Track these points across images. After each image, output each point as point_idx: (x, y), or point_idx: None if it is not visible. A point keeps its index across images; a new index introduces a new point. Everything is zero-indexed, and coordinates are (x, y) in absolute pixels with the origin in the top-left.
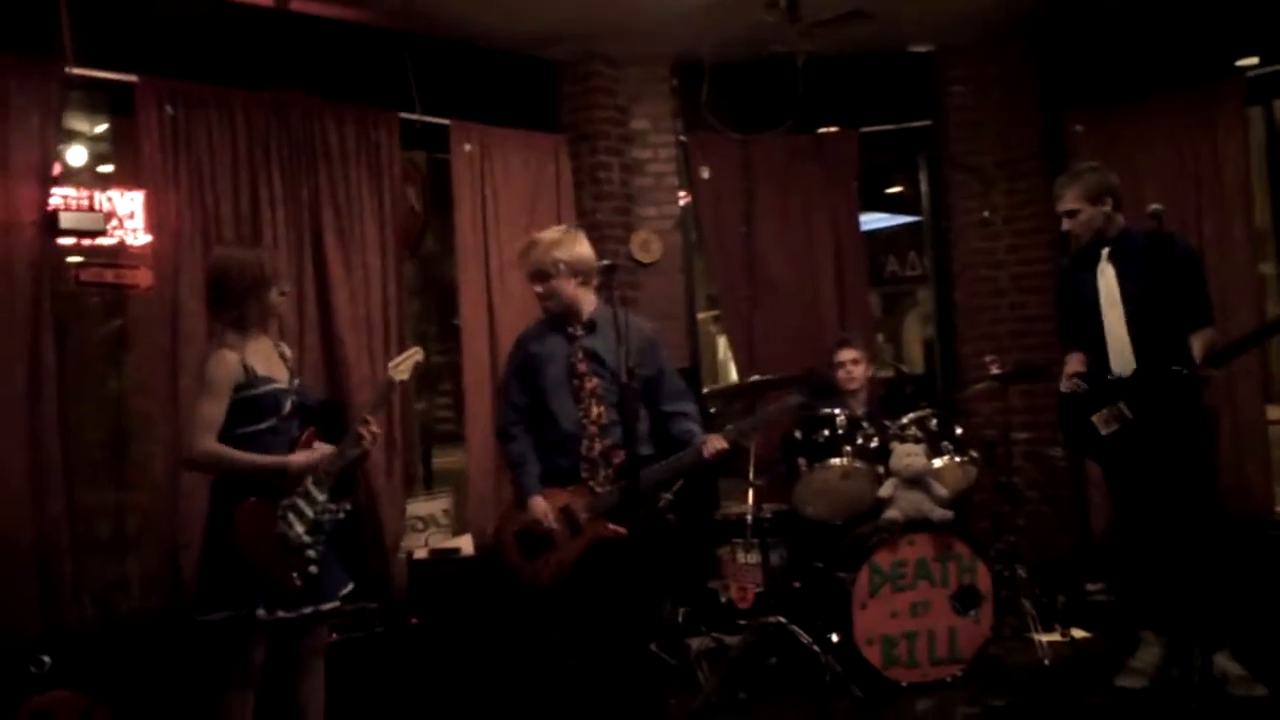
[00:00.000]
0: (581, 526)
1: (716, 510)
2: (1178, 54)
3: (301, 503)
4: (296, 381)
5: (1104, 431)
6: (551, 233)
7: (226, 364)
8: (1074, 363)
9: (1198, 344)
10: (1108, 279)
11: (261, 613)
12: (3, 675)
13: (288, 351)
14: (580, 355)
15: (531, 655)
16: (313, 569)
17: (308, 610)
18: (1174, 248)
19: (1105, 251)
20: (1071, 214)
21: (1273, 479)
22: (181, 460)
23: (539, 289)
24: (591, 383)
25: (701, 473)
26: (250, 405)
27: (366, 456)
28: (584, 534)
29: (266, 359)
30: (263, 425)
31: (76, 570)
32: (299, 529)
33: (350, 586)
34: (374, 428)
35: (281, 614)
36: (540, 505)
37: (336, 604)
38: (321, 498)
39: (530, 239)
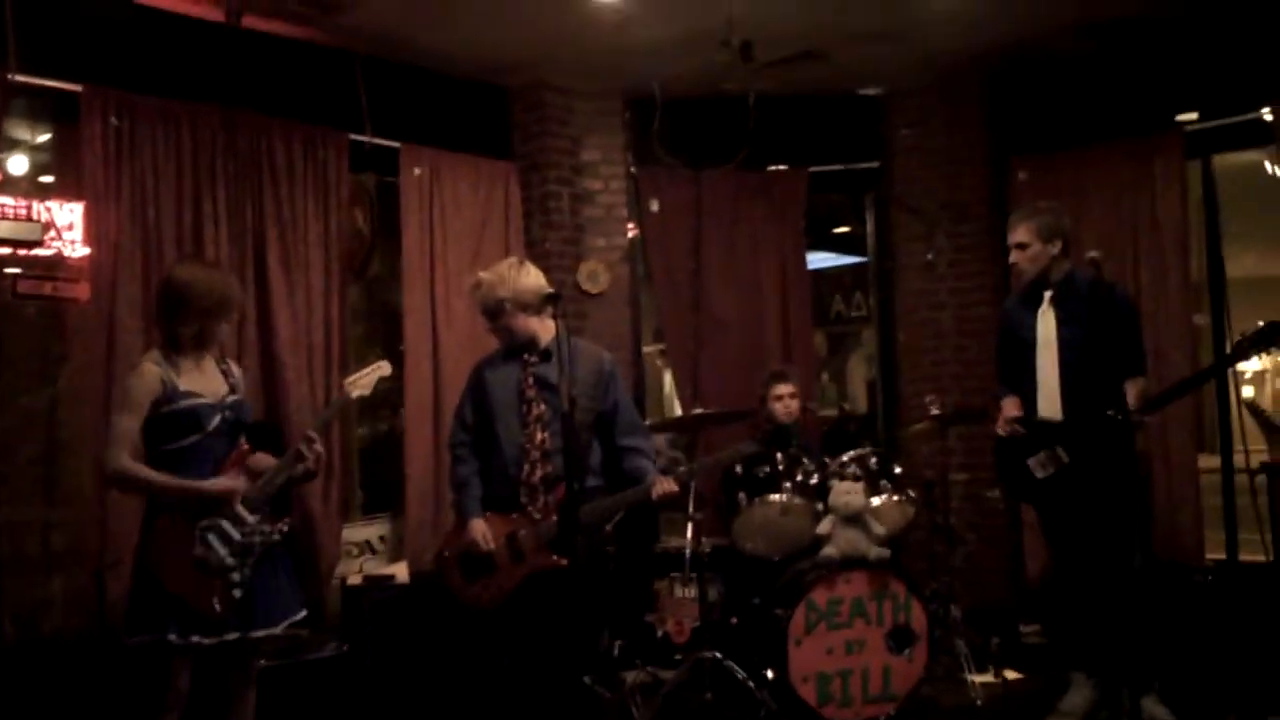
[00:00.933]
0: (525, 555)
1: (655, 544)
2: (1121, 106)
3: (226, 524)
4: (232, 398)
5: (1040, 475)
6: (496, 270)
7: (143, 378)
8: (1010, 406)
9: (1132, 391)
10: (1047, 322)
11: (173, 637)
12: None
13: (234, 369)
14: (530, 381)
15: (468, 678)
16: (236, 593)
17: (231, 636)
18: (1113, 296)
19: (1048, 295)
20: (1022, 246)
21: (1204, 525)
22: (101, 476)
23: (490, 327)
24: (539, 409)
25: (644, 507)
26: (170, 421)
27: (312, 475)
28: (526, 563)
29: (198, 375)
30: (185, 442)
31: None
32: (221, 551)
33: (302, 614)
34: (318, 446)
35: (197, 639)
36: (479, 528)
37: (275, 630)
38: (252, 519)
39: (476, 279)
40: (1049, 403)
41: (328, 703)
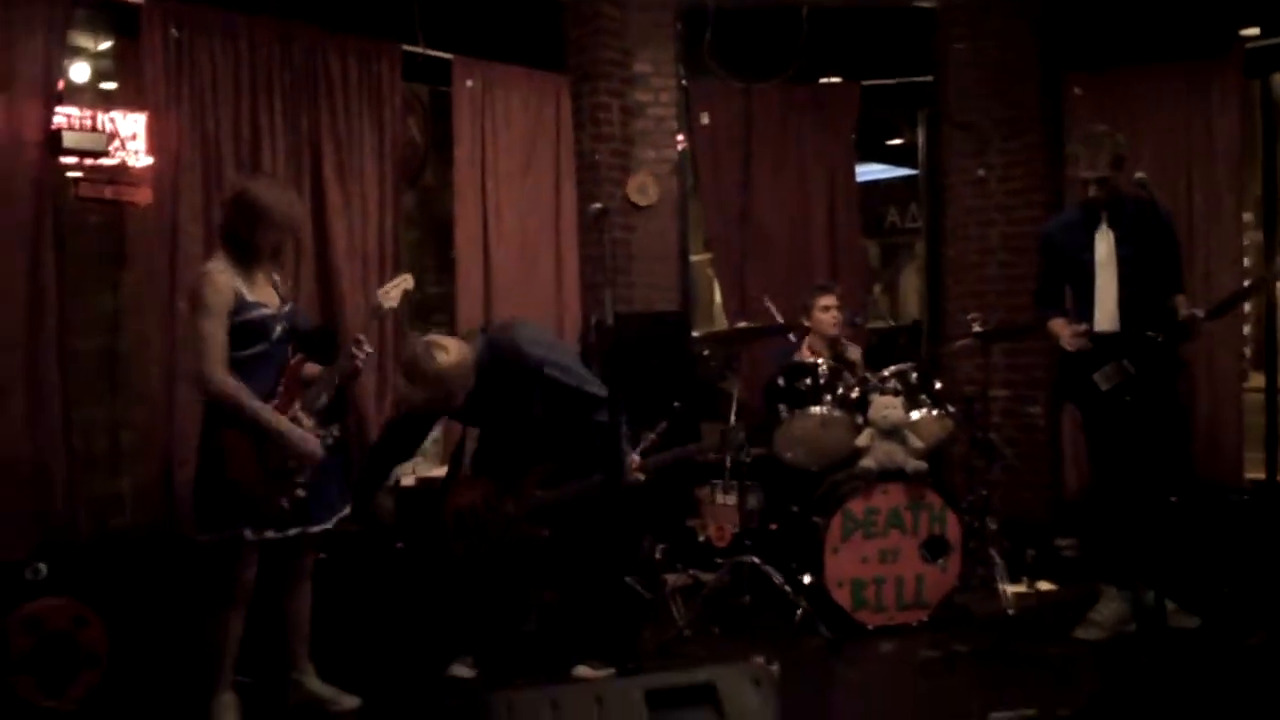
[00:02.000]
0: (512, 523)
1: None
2: (1179, 21)
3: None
4: (288, 307)
5: (1105, 387)
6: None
7: (217, 287)
8: (1062, 325)
9: (1183, 304)
10: (1107, 241)
11: (249, 534)
12: (1, 582)
13: (278, 278)
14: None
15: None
16: (300, 493)
17: (294, 532)
18: (1160, 217)
19: (1105, 215)
20: (1102, 182)
21: (1244, 445)
22: (201, 389)
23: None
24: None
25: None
26: (241, 330)
27: (357, 373)
28: (510, 530)
29: (259, 286)
30: (254, 350)
31: (72, 485)
32: (282, 454)
33: (346, 510)
34: (366, 347)
35: (270, 535)
36: None
37: (328, 526)
38: (309, 423)
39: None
40: (1107, 319)
41: (381, 598)
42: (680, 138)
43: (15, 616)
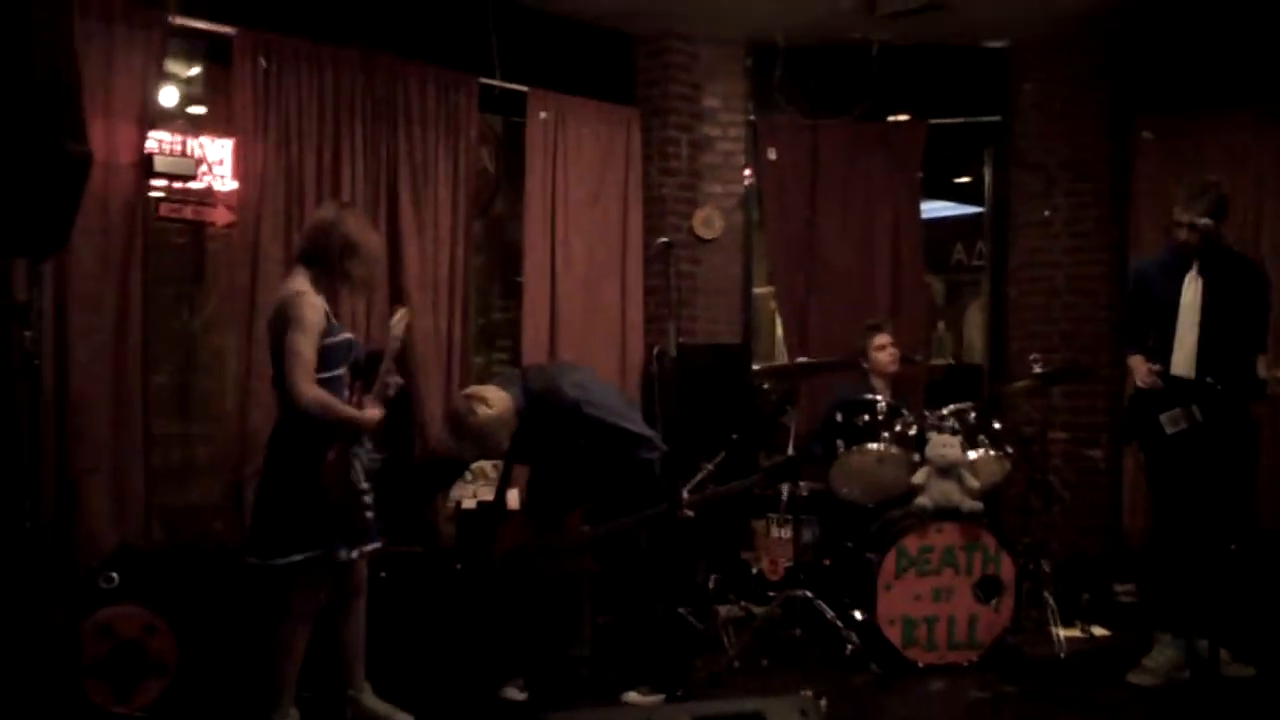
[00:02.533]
0: (557, 557)
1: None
2: (1251, 66)
3: (361, 451)
4: (353, 335)
5: (1170, 430)
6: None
7: (314, 308)
8: (1140, 362)
9: (1261, 362)
10: (1195, 287)
11: (343, 553)
12: (76, 589)
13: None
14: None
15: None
16: (369, 514)
17: (369, 548)
18: (1258, 274)
19: (1196, 261)
20: (1195, 227)
21: None
22: (294, 403)
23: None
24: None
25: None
26: (328, 353)
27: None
28: (556, 563)
29: (333, 310)
30: (335, 372)
31: (149, 497)
32: (360, 475)
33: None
34: (396, 377)
35: (351, 554)
36: None
37: (378, 545)
38: (368, 445)
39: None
40: (1184, 364)
41: (439, 618)
42: (747, 172)
43: (92, 620)
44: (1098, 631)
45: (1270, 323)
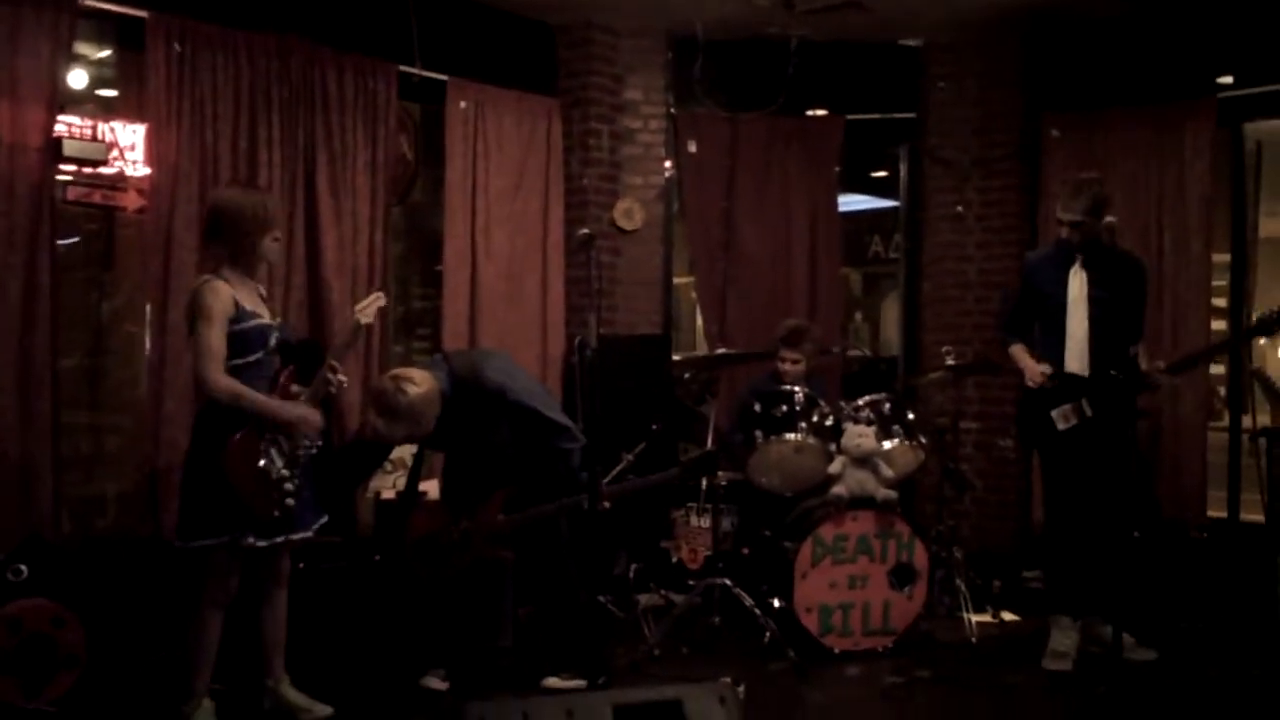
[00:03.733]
0: (473, 545)
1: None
2: (1156, 68)
3: (282, 438)
4: (278, 320)
5: (1061, 427)
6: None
7: (219, 295)
8: (1022, 353)
9: (1144, 354)
10: (1079, 282)
11: (250, 540)
12: None
13: (263, 291)
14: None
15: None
16: (289, 501)
17: (280, 539)
18: (1137, 266)
19: (1080, 256)
20: (1076, 225)
21: (1208, 483)
22: (201, 391)
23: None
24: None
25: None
26: (238, 339)
27: (331, 397)
28: (471, 552)
29: (250, 296)
30: (250, 359)
31: (57, 486)
32: (279, 463)
33: (324, 519)
34: (341, 376)
35: (260, 543)
36: None
37: (309, 535)
38: (304, 435)
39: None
40: (1077, 359)
41: (358, 608)
42: (668, 164)
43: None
44: (1008, 617)
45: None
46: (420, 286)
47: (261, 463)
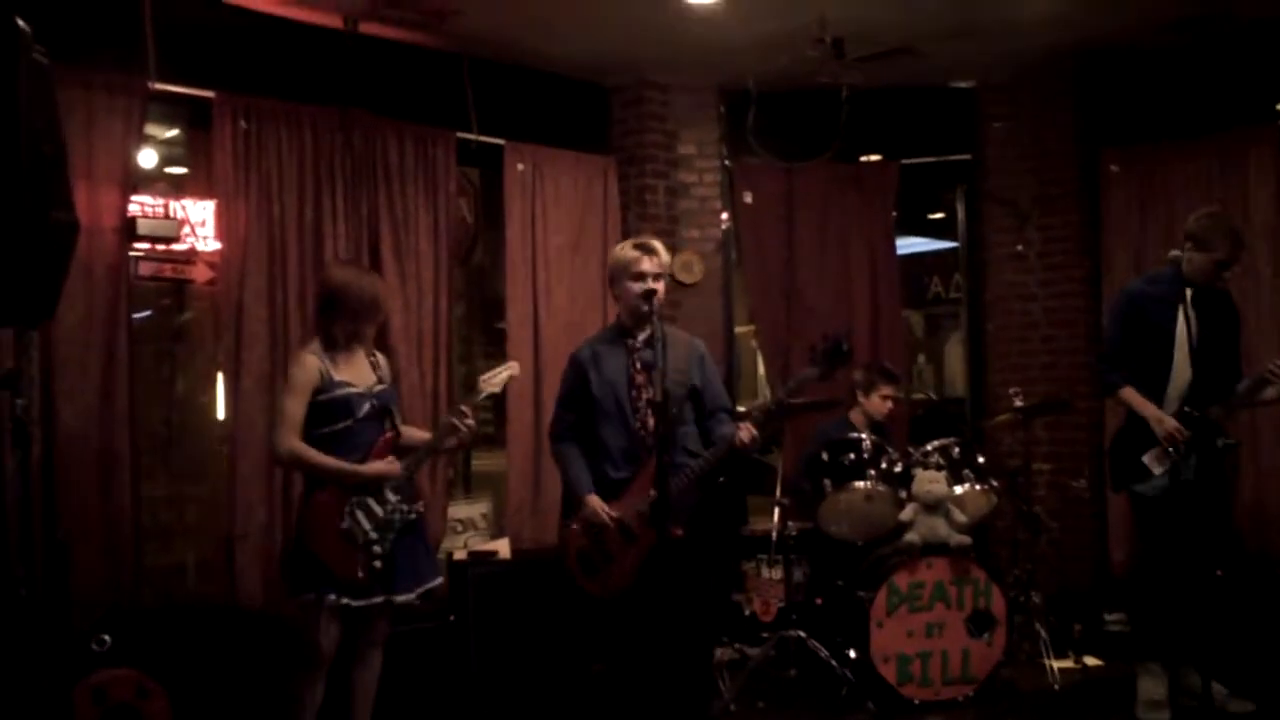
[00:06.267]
0: (636, 535)
1: (744, 526)
2: (1215, 99)
3: (372, 501)
4: (379, 387)
5: (1156, 470)
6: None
7: (304, 367)
8: (1135, 397)
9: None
10: (1188, 319)
11: (331, 598)
12: (67, 653)
13: (381, 360)
14: (638, 366)
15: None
16: (377, 564)
17: (378, 600)
18: (1233, 305)
19: (1189, 293)
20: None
21: None
22: (271, 457)
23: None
24: (648, 392)
25: (740, 468)
26: (326, 408)
27: (461, 447)
28: (639, 543)
29: (350, 367)
30: (338, 426)
31: (138, 557)
32: (366, 526)
33: (438, 581)
34: (469, 420)
35: (347, 601)
36: (595, 502)
37: (411, 598)
38: (394, 498)
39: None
40: (1176, 399)
41: (435, 667)
42: (724, 216)
43: (84, 685)
44: (1090, 662)
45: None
46: (483, 346)
47: (344, 524)
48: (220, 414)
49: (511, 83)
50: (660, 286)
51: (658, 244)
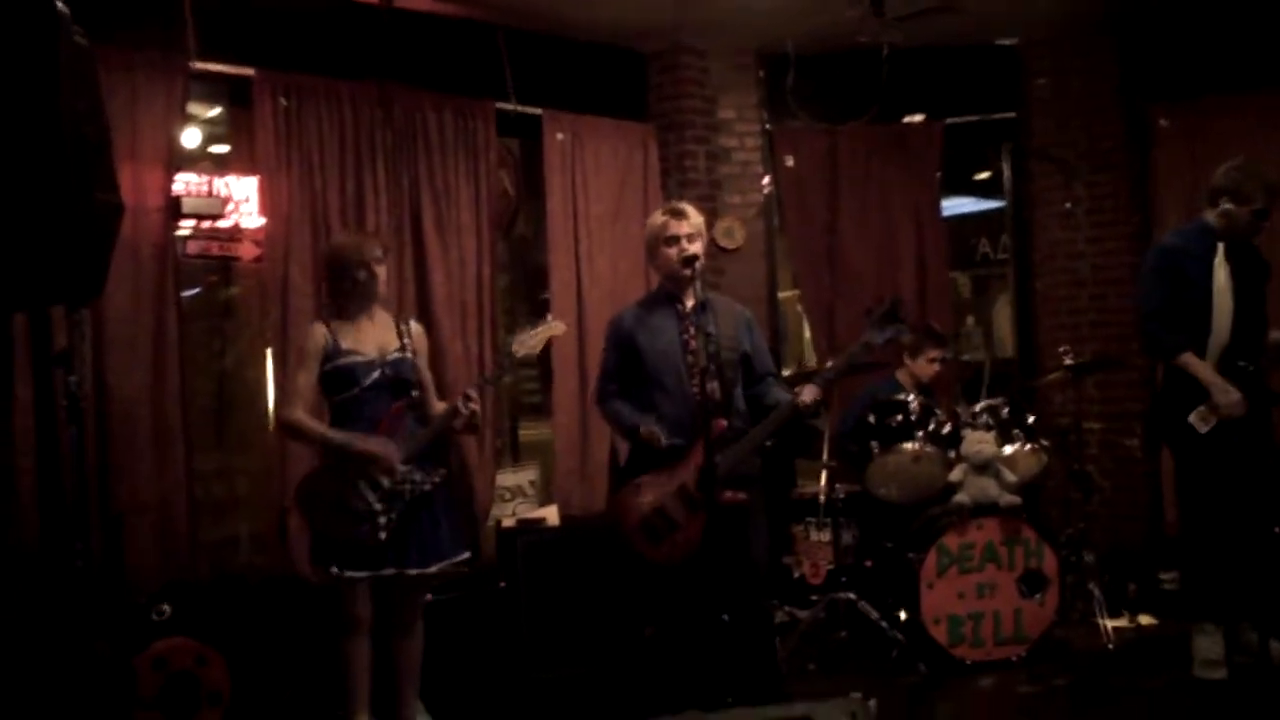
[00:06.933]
0: (699, 501)
1: (793, 489)
2: (1265, 50)
3: (376, 471)
4: (394, 355)
5: (1203, 430)
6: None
7: (312, 337)
8: (1201, 367)
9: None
10: (1224, 272)
11: (334, 570)
12: (129, 623)
13: (413, 327)
14: (692, 332)
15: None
16: (382, 535)
17: (388, 572)
18: (1261, 257)
19: (1222, 247)
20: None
21: None
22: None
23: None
24: (702, 360)
25: (788, 432)
26: (332, 376)
27: (474, 429)
28: (702, 507)
29: (363, 334)
30: (346, 395)
31: (193, 530)
32: (370, 497)
33: (463, 556)
34: (474, 404)
35: (352, 574)
36: (650, 428)
37: (430, 571)
38: (403, 468)
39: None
40: (1217, 354)
41: (486, 635)
42: (766, 181)
43: (143, 656)
44: (1145, 620)
45: None
46: (528, 316)
47: (347, 496)
48: (269, 388)
49: (548, 52)
50: (697, 248)
51: (688, 207)
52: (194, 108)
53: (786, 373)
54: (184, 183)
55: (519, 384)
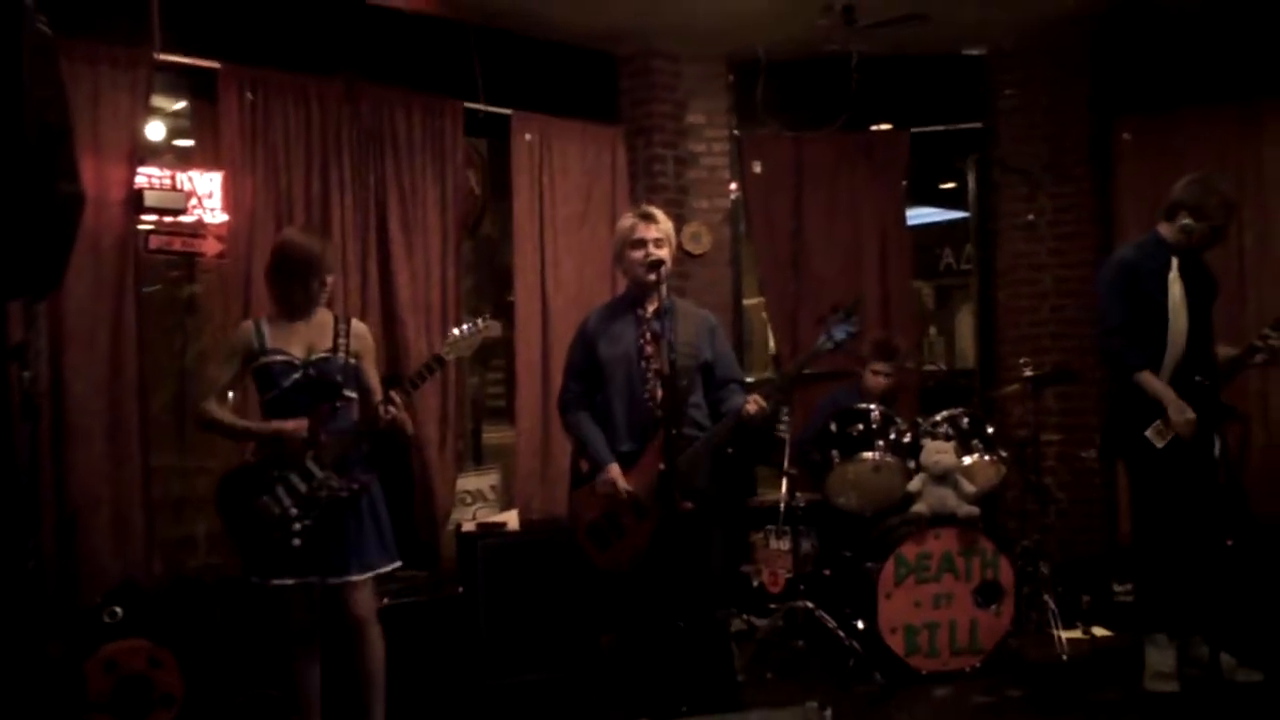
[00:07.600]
0: (647, 509)
1: (752, 497)
2: (1228, 65)
3: (295, 477)
4: (318, 356)
5: (1159, 445)
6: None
7: (240, 332)
8: (1156, 383)
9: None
10: (1178, 287)
11: (255, 579)
12: (80, 625)
13: (355, 327)
14: (648, 337)
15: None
16: (295, 541)
17: (313, 579)
18: (1209, 273)
19: (1176, 261)
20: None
21: None
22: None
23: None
24: (656, 364)
25: (749, 439)
26: (257, 375)
27: (390, 429)
28: (650, 515)
29: (294, 334)
30: (269, 395)
31: (149, 529)
32: (286, 502)
33: (391, 566)
34: (393, 409)
35: (279, 582)
36: (615, 473)
37: (351, 579)
38: (320, 474)
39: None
40: (1171, 370)
41: (444, 640)
42: (733, 187)
43: (94, 658)
44: (1099, 632)
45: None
46: (493, 318)
47: (260, 500)
48: None
49: (519, 52)
50: (663, 254)
51: (657, 211)
52: (158, 100)
53: (750, 379)
54: (147, 176)
55: (483, 387)
